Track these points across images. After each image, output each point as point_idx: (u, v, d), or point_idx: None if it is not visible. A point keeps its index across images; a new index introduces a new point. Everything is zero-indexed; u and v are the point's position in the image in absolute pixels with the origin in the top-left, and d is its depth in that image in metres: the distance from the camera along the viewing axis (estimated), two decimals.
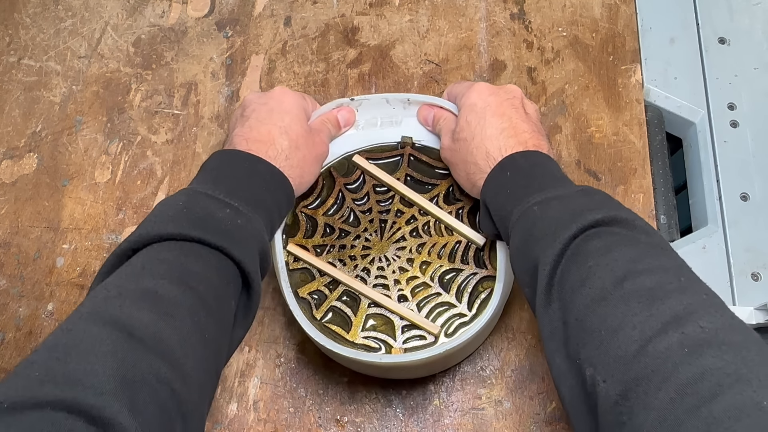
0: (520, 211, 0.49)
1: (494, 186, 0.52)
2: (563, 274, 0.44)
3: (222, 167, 0.53)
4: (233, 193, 0.50)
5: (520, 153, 0.52)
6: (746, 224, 0.66)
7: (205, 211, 0.48)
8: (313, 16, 0.78)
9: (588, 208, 0.46)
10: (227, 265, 0.47)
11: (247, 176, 0.53)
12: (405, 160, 0.63)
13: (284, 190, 0.55)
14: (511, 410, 0.61)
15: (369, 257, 0.60)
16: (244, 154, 0.54)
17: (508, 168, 0.52)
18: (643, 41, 0.75)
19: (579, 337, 0.41)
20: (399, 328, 0.57)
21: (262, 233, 0.51)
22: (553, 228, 0.45)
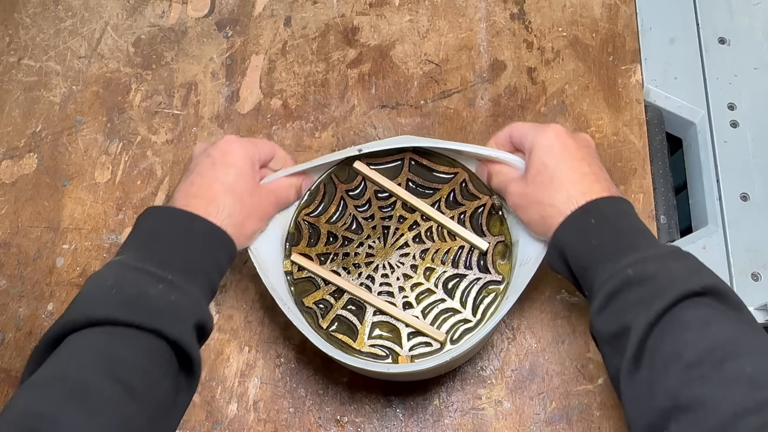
0: (612, 270, 0.47)
1: (577, 231, 0.50)
2: (656, 343, 0.43)
3: (156, 230, 0.51)
4: (167, 264, 0.48)
5: (605, 200, 0.51)
6: (746, 224, 0.66)
7: (136, 289, 0.46)
8: (313, 16, 0.78)
9: (685, 276, 0.45)
10: (160, 346, 0.45)
11: (183, 239, 0.50)
12: (406, 165, 0.63)
13: (224, 249, 0.53)
14: (511, 410, 0.61)
15: (373, 264, 0.60)
16: (179, 213, 0.51)
17: (593, 214, 0.50)
18: (643, 41, 0.75)
19: (669, 411, 0.40)
20: (405, 336, 0.57)
21: (200, 303, 0.49)
22: (649, 294, 0.44)
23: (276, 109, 0.74)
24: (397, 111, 0.73)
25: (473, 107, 0.73)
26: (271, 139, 0.72)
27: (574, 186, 0.51)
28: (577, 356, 0.62)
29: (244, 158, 0.56)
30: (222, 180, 0.54)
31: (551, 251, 0.52)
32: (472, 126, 0.72)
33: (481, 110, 0.72)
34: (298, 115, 0.73)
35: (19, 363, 0.65)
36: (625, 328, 0.45)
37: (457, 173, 0.62)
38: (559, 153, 0.53)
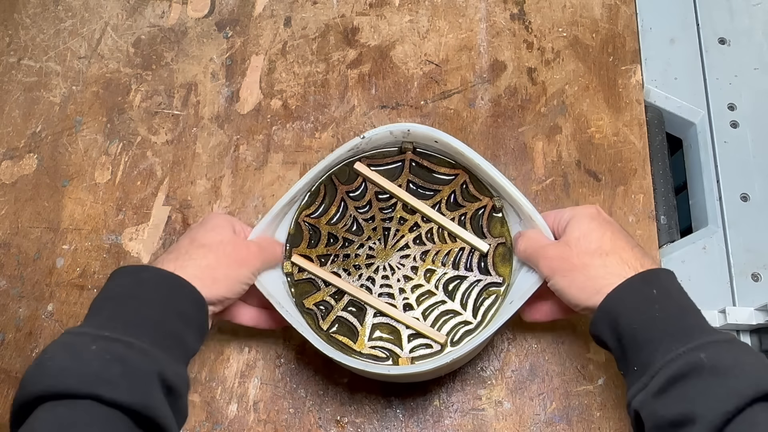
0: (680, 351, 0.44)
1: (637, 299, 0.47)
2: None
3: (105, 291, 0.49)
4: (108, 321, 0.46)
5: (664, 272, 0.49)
6: (746, 224, 0.66)
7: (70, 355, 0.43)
8: (313, 17, 0.78)
9: (760, 373, 0.42)
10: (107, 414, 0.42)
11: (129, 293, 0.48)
12: (406, 166, 0.63)
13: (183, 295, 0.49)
14: (511, 411, 0.61)
15: (373, 266, 0.60)
16: (131, 269, 0.49)
17: (654, 284, 0.48)
18: (643, 41, 0.75)
19: None
20: (405, 338, 0.57)
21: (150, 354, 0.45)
22: (724, 388, 0.41)
23: (276, 109, 0.74)
24: (397, 111, 0.73)
25: (473, 107, 0.73)
26: (271, 139, 0.72)
27: (627, 252, 0.50)
28: (577, 356, 0.62)
29: (224, 222, 0.55)
30: (194, 237, 0.53)
31: (600, 316, 0.49)
32: (472, 126, 0.72)
33: (481, 110, 0.72)
34: (298, 115, 0.73)
35: (19, 363, 0.65)
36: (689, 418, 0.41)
37: (458, 175, 0.62)
38: (603, 223, 0.52)
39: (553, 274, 0.52)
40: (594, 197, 0.68)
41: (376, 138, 0.61)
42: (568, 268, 0.51)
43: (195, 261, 0.51)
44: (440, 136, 0.60)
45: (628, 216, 0.67)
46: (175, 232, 0.69)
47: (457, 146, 0.59)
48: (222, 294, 0.52)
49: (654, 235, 0.66)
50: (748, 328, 0.62)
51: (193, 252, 0.51)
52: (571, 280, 0.51)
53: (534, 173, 0.70)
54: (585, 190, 0.69)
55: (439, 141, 0.61)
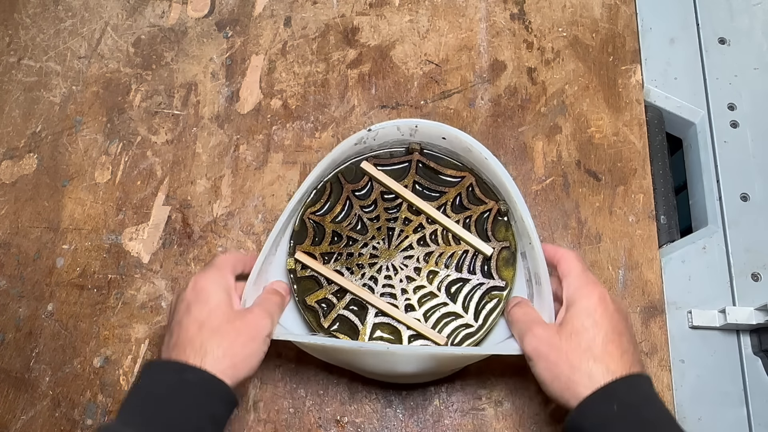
0: None
1: (597, 416, 0.48)
2: None
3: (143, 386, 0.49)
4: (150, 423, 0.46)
5: (626, 383, 0.48)
6: (746, 224, 0.66)
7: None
8: (313, 17, 0.78)
9: None
10: None
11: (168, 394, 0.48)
12: (413, 167, 0.63)
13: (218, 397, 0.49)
14: (511, 411, 0.61)
15: (376, 265, 0.60)
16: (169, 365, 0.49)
17: (615, 400, 0.47)
18: (643, 41, 0.75)
19: None
20: (406, 338, 0.57)
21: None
22: None
23: (276, 109, 0.74)
24: (397, 111, 0.73)
25: (473, 107, 0.73)
26: (271, 139, 0.72)
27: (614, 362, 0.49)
28: None
29: (216, 290, 0.53)
30: (199, 319, 0.51)
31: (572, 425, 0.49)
32: (472, 126, 0.72)
33: (481, 110, 0.72)
34: (298, 115, 0.73)
35: (19, 363, 0.65)
36: None
37: (464, 177, 0.62)
38: (600, 320, 0.51)
39: (537, 358, 0.52)
40: (594, 197, 0.68)
41: (383, 133, 0.61)
42: (554, 361, 0.50)
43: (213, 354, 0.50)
44: (449, 131, 0.60)
45: (628, 216, 0.67)
46: (175, 231, 0.69)
47: (466, 139, 0.60)
48: (243, 376, 0.51)
49: (654, 235, 0.67)
50: (748, 328, 0.63)
51: (207, 343, 0.50)
52: (556, 375, 0.50)
53: (534, 173, 0.70)
54: (585, 189, 0.69)
55: (448, 137, 0.61)
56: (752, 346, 0.63)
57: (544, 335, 0.52)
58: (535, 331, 0.52)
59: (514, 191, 0.58)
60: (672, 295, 0.65)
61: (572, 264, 0.54)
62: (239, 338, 0.51)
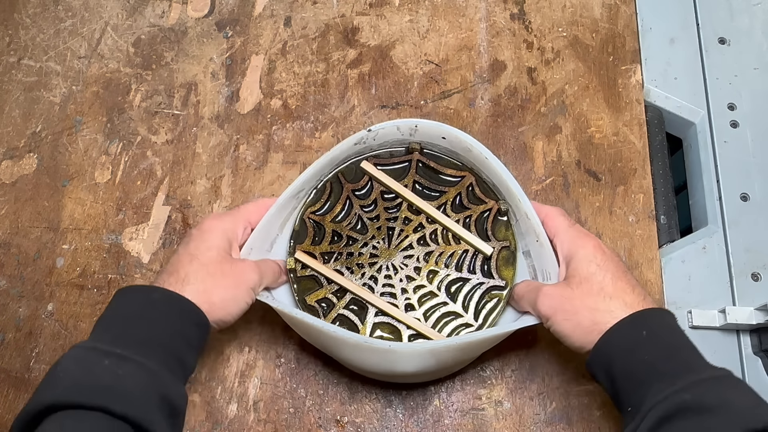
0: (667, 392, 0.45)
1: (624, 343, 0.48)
2: None
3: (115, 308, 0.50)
4: (118, 338, 0.47)
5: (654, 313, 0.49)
6: (746, 224, 0.66)
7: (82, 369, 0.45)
8: (313, 17, 0.78)
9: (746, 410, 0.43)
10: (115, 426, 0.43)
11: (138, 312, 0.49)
12: (413, 167, 0.63)
13: (190, 318, 0.50)
14: (511, 411, 0.61)
15: (376, 265, 0.60)
16: (140, 288, 0.50)
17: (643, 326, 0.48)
18: (643, 41, 0.75)
19: None
20: (406, 338, 0.57)
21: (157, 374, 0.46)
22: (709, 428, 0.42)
23: (276, 109, 0.74)
24: (397, 111, 0.73)
25: (473, 107, 0.73)
26: (271, 139, 0.72)
27: (629, 296, 0.50)
28: (577, 356, 0.62)
29: (219, 234, 0.55)
30: (191, 254, 0.53)
31: (595, 359, 0.50)
32: (472, 126, 0.72)
33: (481, 110, 0.72)
34: (298, 115, 0.73)
35: (19, 363, 0.65)
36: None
37: (464, 177, 0.62)
38: (603, 264, 0.52)
39: (554, 314, 0.52)
40: (594, 197, 0.68)
41: (383, 133, 0.61)
42: (572, 310, 0.51)
43: (194, 286, 0.51)
44: (449, 131, 0.60)
45: (628, 216, 0.67)
46: (175, 231, 0.69)
47: (465, 139, 0.60)
48: (219, 317, 0.52)
49: (654, 235, 0.67)
50: (748, 328, 0.63)
51: (192, 275, 0.52)
52: (576, 323, 0.51)
53: (534, 173, 0.70)
54: (585, 189, 0.69)
55: (447, 137, 0.61)
56: (752, 346, 0.63)
57: (555, 291, 0.53)
58: (546, 291, 0.53)
59: (517, 189, 0.58)
60: (672, 295, 0.65)
61: (558, 221, 0.56)
62: (223, 280, 0.52)
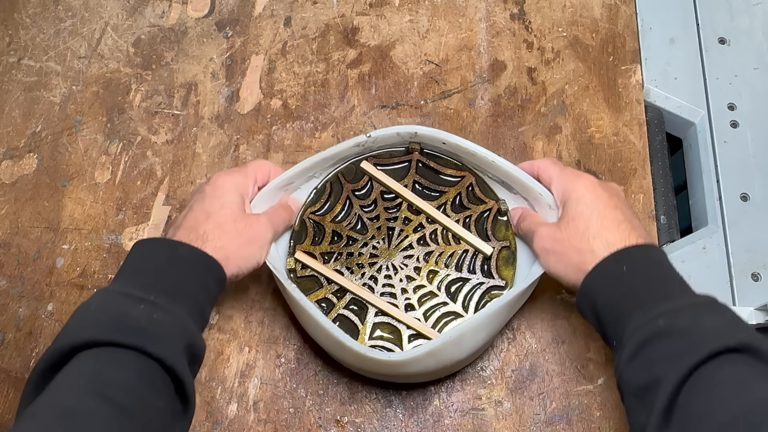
0: (642, 320, 0.46)
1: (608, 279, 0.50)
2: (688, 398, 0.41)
3: (141, 259, 0.52)
4: (150, 286, 0.49)
5: (637, 248, 0.50)
6: (746, 224, 0.66)
7: (117, 311, 0.47)
8: (313, 17, 0.78)
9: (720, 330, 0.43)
10: (148, 366, 0.45)
11: (166, 264, 0.51)
12: (413, 167, 0.63)
13: (211, 273, 0.53)
14: (511, 411, 0.61)
15: (376, 265, 0.60)
16: (163, 241, 0.53)
17: (624, 261, 0.50)
18: (643, 41, 0.75)
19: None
20: (406, 338, 0.57)
21: (185, 323, 0.49)
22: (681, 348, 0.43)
23: (276, 109, 0.74)
24: (397, 111, 0.73)
25: (473, 107, 0.73)
26: (271, 139, 0.72)
27: (612, 234, 0.51)
28: (577, 356, 0.62)
29: (233, 191, 0.57)
30: (207, 210, 0.55)
31: (581, 298, 0.51)
32: (472, 126, 0.72)
33: (481, 110, 0.72)
34: (298, 115, 0.73)
35: (19, 363, 0.65)
36: (655, 381, 0.43)
37: (464, 177, 0.62)
38: (592, 202, 0.53)
39: (546, 254, 0.55)
40: None
41: (383, 137, 0.61)
42: (561, 250, 0.54)
43: (212, 243, 0.53)
44: (449, 138, 0.60)
45: None
46: None
47: (468, 147, 0.60)
48: (233, 272, 0.55)
49: (654, 235, 0.67)
50: None
51: (210, 232, 0.54)
52: (566, 263, 0.53)
53: None
54: None
55: (447, 143, 0.61)
56: None
57: (547, 233, 0.55)
58: (539, 232, 0.56)
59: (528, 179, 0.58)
60: None
61: (550, 169, 0.58)
62: (239, 238, 0.55)
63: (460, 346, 0.56)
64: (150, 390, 0.44)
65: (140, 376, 0.44)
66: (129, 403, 0.43)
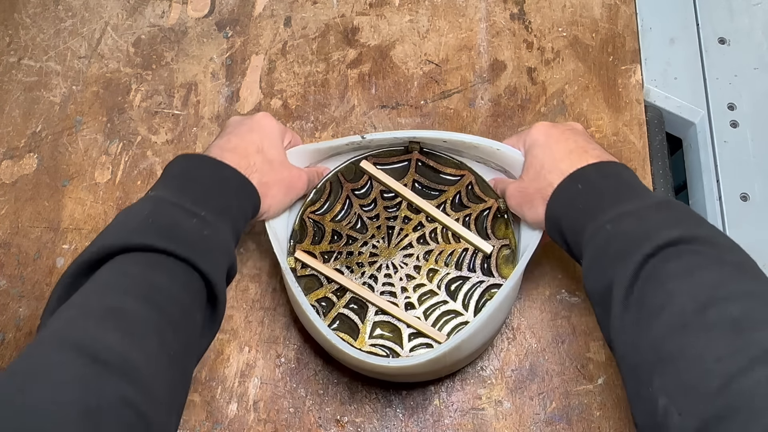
0: (593, 229, 0.47)
1: (564, 198, 0.51)
2: (640, 296, 0.42)
3: (188, 173, 0.52)
4: (200, 202, 0.49)
5: (592, 165, 0.51)
6: (746, 224, 0.66)
7: (171, 221, 0.47)
8: (313, 17, 0.78)
9: (665, 224, 0.44)
10: (193, 278, 0.46)
11: (214, 183, 0.52)
12: (412, 166, 0.63)
13: (251, 200, 0.54)
14: (511, 410, 0.61)
15: (376, 264, 0.60)
16: (212, 160, 0.53)
17: (579, 180, 0.50)
18: (643, 41, 0.75)
19: (653, 364, 0.39)
20: (406, 336, 0.57)
21: (229, 243, 0.50)
22: (627, 247, 0.44)
23: (276, 109, 0.74)
24: (397, 111, 0.73)
25: (473, 107, 0.73)
26: None
27: (564, 162, 0.52)
28: (577, 356, 0.62)
29: (277, 132, 0.59)
30: (256, 143, 0.56)
31: (548, 226, 0.53)
32: (472, 126, 0.72)
33: (481, 110, 0.72)
34: (298, 115, 0.74)
35: None
36: (609, 286, 0.44)
37: (464, 176, 0.62)
38: (544, 141, 0.55)
39: (519, 207, 0.57)
40: None
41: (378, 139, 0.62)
42: (528, 198, 0.55)
43: (257, 176, 0.54)
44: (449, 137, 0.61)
45: None
46: None
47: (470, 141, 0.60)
48: (263, 210, 0.56)
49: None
50: None
51: (258, 165, 0.55)
52: (534, 208, 0.54)
53: None
54: None
55: (448, 141, 0.61)
56: None
57: (514, 188, 0.57)
58: (509, 191, 0.58)
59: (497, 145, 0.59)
60: None
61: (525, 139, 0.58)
62: (282, 182, 0.57)
63: (461, 349, 0.56)
64: (192, 303, 0.45)
65: (186, 288, 0.45)
66: (174, 313, 0.43)
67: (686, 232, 0.43)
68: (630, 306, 0.42)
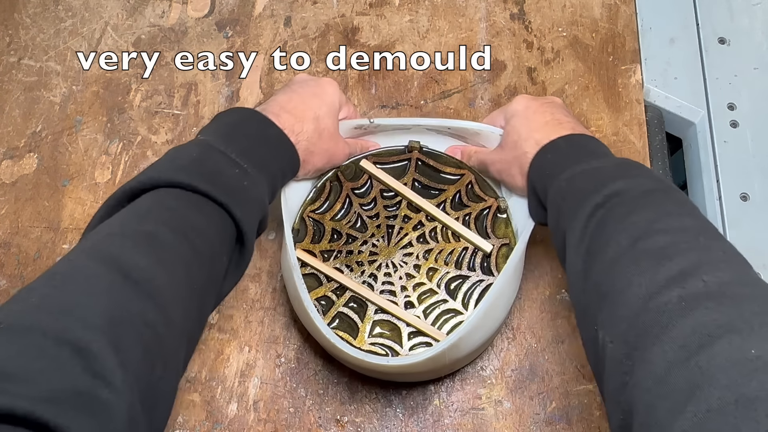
0: (553, 189, 0.50)
1: (536, 167, 0.54)
2: (588, 243, 0.44)
3: (238, 125, 0.54)
4: (244, 154, 0.51)
5: (562, 137, 0.54)
6: (746, 224, 0.66)
7: (216, 166, 0.49)
8: (313, 16, 0.78)
9: (616, 176, 0.46)
10: (227, 223, 0.48)
11: (260, 140, 0.54)
12: (412, 165, 0.63)
13: (291, 163, 0.56)
14: (511, 410, 0.61)
15: (376, 263, 0.60)
16: (262, 117, 0.55)
17: (549, 151, 0.53)
18: (643, 41, 0.75)
19: (595, 303, 0.41)
20: (405, 335, 0.57)
21: (264, 197, 0.52)
22: (579, 199, 0.46)
23: None
24: (397, 111, 0.73)
25: (473, 107, 0.73)
26: None
27: (539, 133, 0.55)
28: (577, 356, 0.62)
29: (336, 103, 0.60)
30: (315, 110, 0.58)
31: (529, 198, 0.56)
32: None
33: (481, 110, 0.72)
34: None
35: None
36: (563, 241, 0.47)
37: (464, 175, 0.62)
38: (522, 113, 0.57)
39: (501, 175, 0.59)
40: None
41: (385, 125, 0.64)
42: (507, 167, 0.58)
43: (304, 143, 0.56)
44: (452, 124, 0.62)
45: None
46: None
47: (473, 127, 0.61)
48: (301, 174, 0.59)
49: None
50: None
51: (308, 132, 0.57)
52: (514, 176, 0.57)
53: None
54: None
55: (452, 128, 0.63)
56: None
57: (495, 157, 0.60)
58: (490, 160, 0.60)
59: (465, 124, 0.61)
60: None
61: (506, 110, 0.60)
62: (326, 153, 0.59)
63: (460, 347, 0.56)
64: (222, 246, 0.47)
65: (219, 232, 0.47)
66: (204, 251, 0.45)
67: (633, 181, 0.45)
68: (580, 254, 0.45)
